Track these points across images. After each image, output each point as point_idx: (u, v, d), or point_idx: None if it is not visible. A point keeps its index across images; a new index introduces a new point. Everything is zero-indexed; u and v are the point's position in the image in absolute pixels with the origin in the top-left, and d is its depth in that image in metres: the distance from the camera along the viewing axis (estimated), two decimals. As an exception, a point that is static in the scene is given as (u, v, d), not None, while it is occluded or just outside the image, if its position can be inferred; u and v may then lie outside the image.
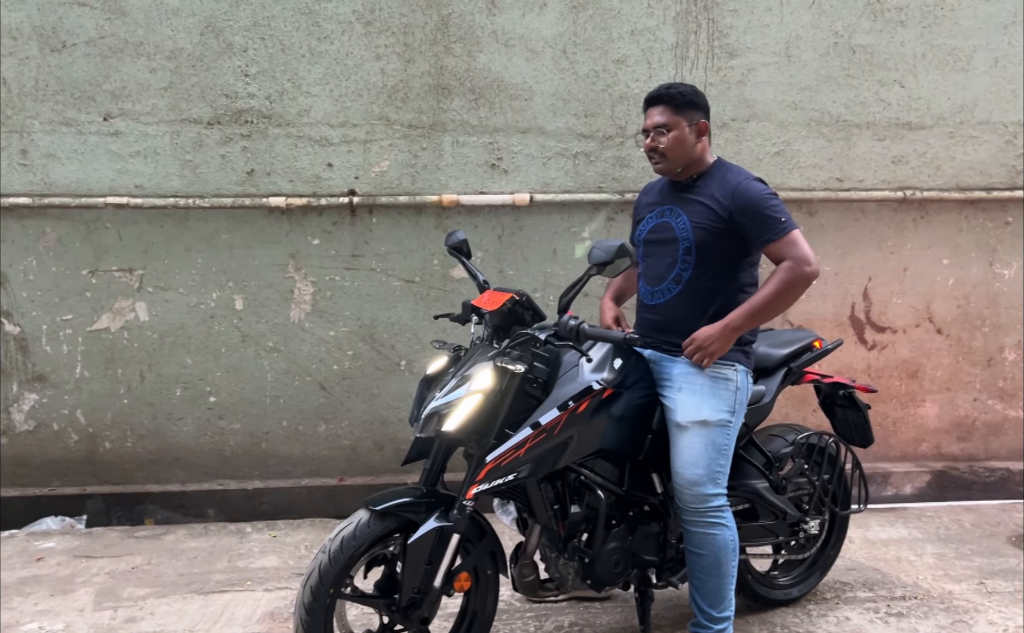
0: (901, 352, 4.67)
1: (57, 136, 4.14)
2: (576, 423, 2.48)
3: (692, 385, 2.65)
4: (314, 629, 2.30)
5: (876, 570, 3.52)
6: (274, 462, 4.47)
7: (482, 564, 2.54)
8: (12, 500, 4.25)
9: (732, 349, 2.69)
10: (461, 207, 4.30)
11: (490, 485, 2.37)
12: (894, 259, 4.59)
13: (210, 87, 4.16)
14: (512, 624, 3.01)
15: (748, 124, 4.40)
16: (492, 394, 2.38)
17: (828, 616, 3.10)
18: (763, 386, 2.95)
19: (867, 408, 3.24)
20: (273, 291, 4.34)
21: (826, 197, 4.46)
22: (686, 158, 2.72)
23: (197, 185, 4.22)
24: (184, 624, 3.02)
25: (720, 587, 2.62)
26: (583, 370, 2.53)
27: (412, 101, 4.24)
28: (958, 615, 3.12)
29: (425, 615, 2.43)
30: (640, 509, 2.77)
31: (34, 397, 4.31)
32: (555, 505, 2.61)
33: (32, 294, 4.23)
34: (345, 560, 2.31)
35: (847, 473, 3.28)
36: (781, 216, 2.58)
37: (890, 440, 4.75)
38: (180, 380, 4.37)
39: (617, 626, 3.01)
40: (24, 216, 4.17)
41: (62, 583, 3.37)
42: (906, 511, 4.29)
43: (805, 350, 3.11)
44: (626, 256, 2.35)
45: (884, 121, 4.46)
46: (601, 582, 2.67)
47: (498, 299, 2.53)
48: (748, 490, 2.92)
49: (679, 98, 2.69)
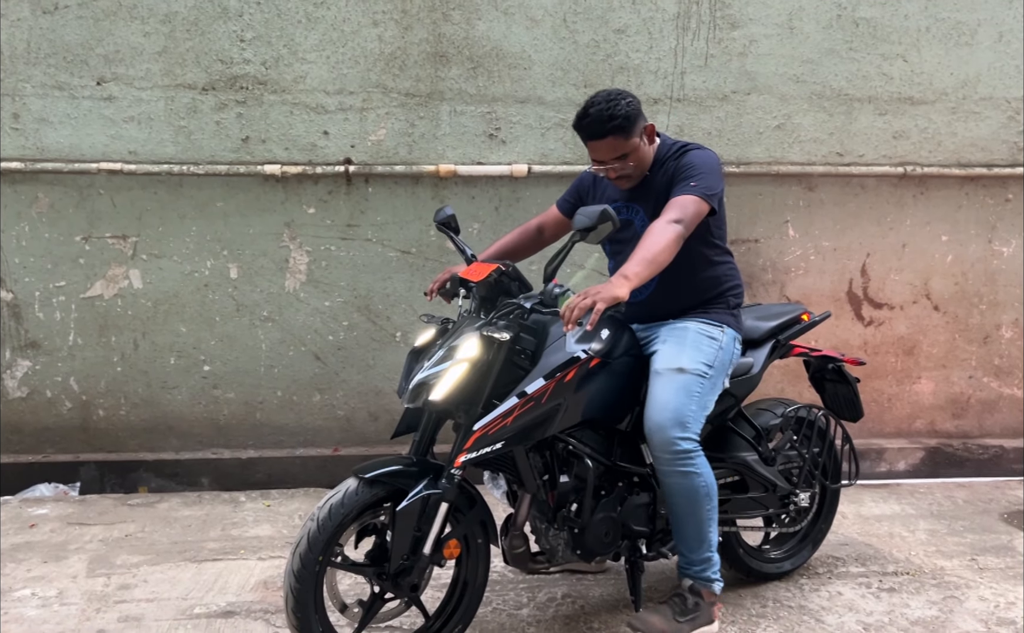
0: (898, 329, 4.67)
1: (49, 100, 4.08)
2: (563, 392, 2.47)
3: (676, 338, 2.68)
4: (304, 597, 2.29)
5: (868, 545, 3.53)
6: (268, 432, 4.46)
7: (472, 533, 2.54)
8: (5, 466, 4.23)
9: (720, 310, 2.72)
10: (458, 177, 4.26)
11: (477, 453, 2.37)
12: (893, 235, 4.57)
13: (205, 52, 4.10)
14: (505, 596, 3.01)
15: (749, 97, 4.36)
16: (478, 364, 2.37)
17: (820, 591, 3.11)
18: (751, 358, 2.95)
19: (856, 381, 3.25)
20: (268, 260, 4.30)
21: (826, 172, 4.43)
22: (647, 165, 2.73)
23: (191, 152, 4.17)
24: (177, 591, 3.02)
25: (698, 531, 2.63)
26: (570, 340, 2.52)
27: (409, 69, 4.19)
28: (949, 591, 3.13)
29: (415, 582, 2.43)
30: (629, 480, 2.77)
31: (27, 364, 4.28)
32: (544, 475, 2.61)
33: (25, 260, 4.20)
34: (333, 528, 2.31)
35: (837, 447, 3.28)
36: (693, 181, 2.56)
37: (884, 416, 4.75)
38: (174, 348, 4.34)
39: (610, 598, 3.01)
40: (17, 181, 4.13)
41: (55, 550, 3.37)
42: (899, 487, 4.30)
43: (793, 322, 3.11)
44: (608, 220, 2.34)
45: (886, 95, 4.42)
46: (590, 552, 2.67)
47: (484, 270, 2.51)
48: (737, 462, 2.93)
49: (625, 123, 2.59)
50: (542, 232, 3.11)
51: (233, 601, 2.93)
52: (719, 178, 2.65)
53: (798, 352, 3.18)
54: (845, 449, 3.29)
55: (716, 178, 2.63)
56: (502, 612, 2.89)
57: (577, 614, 2.90)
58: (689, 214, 2.50)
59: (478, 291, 2.53)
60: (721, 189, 2.66)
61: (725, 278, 2.79)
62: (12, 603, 2.92)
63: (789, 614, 2.93)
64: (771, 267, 4.54)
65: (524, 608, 2.92)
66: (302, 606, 2.29)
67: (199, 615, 2.85)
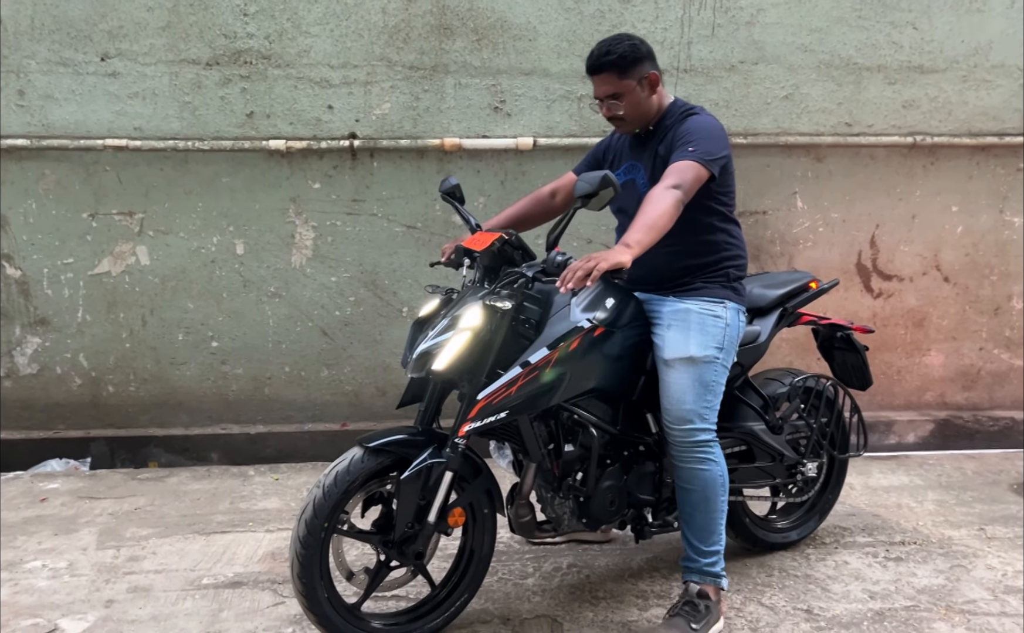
0: (907, 301, 4.63)
1: (54, 76, 4.08)
2: (567, 361, 2.46)
3: (680, 321, 2.64)
4: (309, 563, 2.31)
5: (876, 516, 3.52)
6: (277, 407, 4.47)
7: (478, 502, 2.55)
8: (16, 442, 4.27)
9: (721, 285, 2.69)
10: (463, 151, 4.24)
11: (482, 422, 2.37)
12: (902, 206, 4.53)
13: (208, 26, 4.09)
14: (511, 566, 3.02)
15: (756, 67, 4.31)
16: (481, 333, 2.37)
17: (826, 560, 3.11)
18: (758, 326, 2.93)
19: (865, 350, 3.22)
20: (274, 236, 4.31)
21: (835, 142, 4.39)
22: (645, 116, 2.70)
23: (196, 127, 4.17)
24: (186, 563, 3.04)
25: (709, 522, 2.62)
26: (574, 309, 2.51)
27: (413, 42, 4.17)
28: (956, 559, 3.12)
29: (419, 550, 2.44)
30: (635, 449, 2.76)
31: (37, 341, 4.31)
32: (549, 444, 2.61)
33: (32, 237, 4.21)
34: (339, 495, 2.32)
35: (846, 418, 3.26)
36: (691, 146, 2.52)
37: (894, 389, 4.73)
38: (182, 325, 4.36)
39: (615, 567, 3.02)
40: (23, 158, 4.14)
41: (66, 523, 3.40)
42: (908, 459, 4.29)
43: (800, 291, 3.09)
44: (610, 186, 2.32)
45: (896, 64, 4.36)
46: (596, 521, 2.67)
47: (486, 239, 2.51)
48: (744, 431, 2.92)
49: (620, 62, 2.59)
50: (555, 197, 3.06)
51: (241, 571, 2.95)
52: (721, 144, 2.61)
53: (806, 320, 3.16)
54: (853, 420, 3.27)
55: (717, 144, 2.59)
56: (508, 581, 2.91)
57: (583, 583, 2.91)
58: (688, 180, 2.47)
59: (481, 261, 2.52)
60: (724, 155, 2.61)
61: (725, 247, 2.73)
62: (23, 574, 2.95)
63: (795, 583, 2.93)
64: (779, 239, 4.51)
65: (530, 577, 2.94)
66: (307, 572, 2.31)
67: (207, 585, 2.87)
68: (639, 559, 3.08)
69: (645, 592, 2.86)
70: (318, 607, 2.34)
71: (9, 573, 2.95)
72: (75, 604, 2.74)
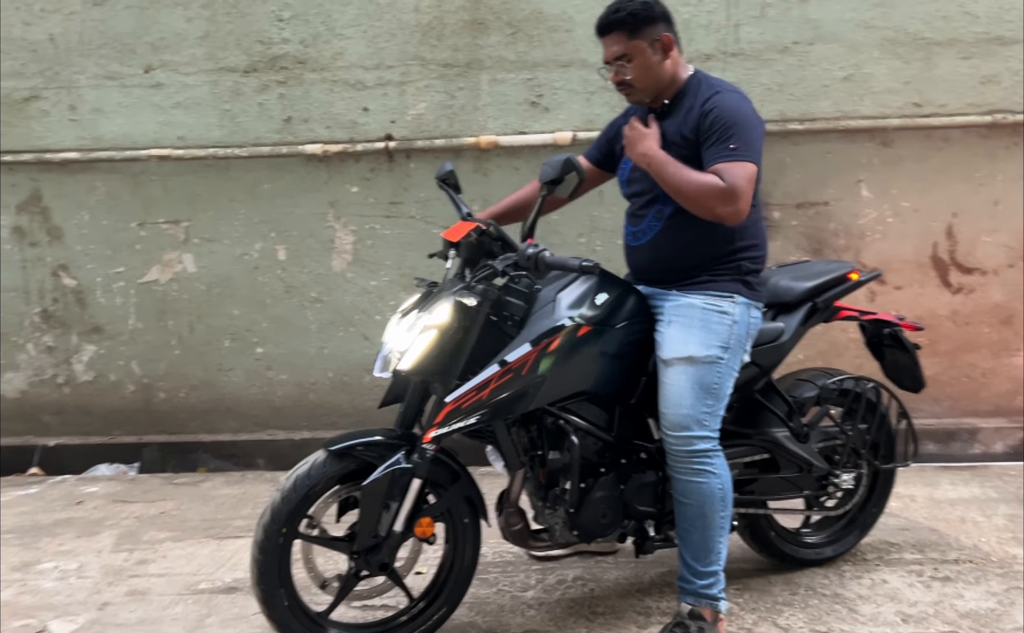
0: (992, 296, 4.20)
1: (103, 90, 4.20)
2: (547, 363, 2.29)
3: (682, 318, 2.40)
4: (267, 568, 2.22)
5: (934, 531, 3.15)
6: (322, 413, 4.45)
7: (458, 511, 2.39)
8: (76, 447, 4.40)
9: (731, 279, 2.42)
10: (500, 149, 4.12)
11: (450, 428, 2.23)
12: (983, 192, 4.11)
13: (245, 34, 4.12)
14: (515, 577, 2.85)
15: (812, 47, 4.01)
16: (450, 330, 2.24)
17: (863, 578, 2.79)
18: (781, 323, 2.65)
19: (916, 348, 2.88)
20: (314, 241, 4.29)
21: (903, 125, 4.03)
22: (656, 83, 2.44)
23: (237, 134, 4.20)
24: (191, 567, 3.02)
25: (706, 540, 2.37)
26: (560, 306, 2.34)
27: (447, 39, 4.08)
28: (1015, 581, 2.74)
29: (384, 561, 2.31)
30: (636, 457, 2.55)
31: (92, 348, 4.43)
32: (535, 451, 2.44)
33: (86, 247, 4.34)
34: (298, 500, 2.22)
35: (892, 424, 2.92)
36: (732, 143, 2.28)
37: (980, 393, 4.29)
38: (228, 331, 4.39)
39: (624, 581, 2.80)
40: (76, 171, 4.27)
41: (92, 525, 3.44)
42: (987, 469, 3.87)
43: (836, 282, 2.76)
44: (573, 171, 2.20)
45: (971, 37, 3.98)
46: (588, 533, 2.47)
47: (463, 229, 2.37)
48: (767, 439, 2.64)
49: (630, 20, 2.38)
50: None
51: (240, 577, 2.89)
52: (759, 130, 2.37)
53: (845, 315, 2.85)
54: (903, 426, 2.93)
55: (755, 131, 2.35)
56: (506, 593, 2.74)
57: (584, 598, 2.70)
58: (742, 185, 2.25)
59: (461, 252, 2.39)
60: (762, 139, 2.38)
61: (740, 236, 2.45)
62: (33, 575, 2.99)
63: (820, 602, 2.64)
64: (843, 232, 4.17)
65: (530, 590, 2.76)
66: (265, 578, 2.22)
67: (203, 590, 2.83)
68: (652, 573, 2.85)
69: (649, 608, 2.63)
70: (277, 614, 2.25)
71: (21, 574, 3.00)
72: (72, 606, 2.74)
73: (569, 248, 4.16)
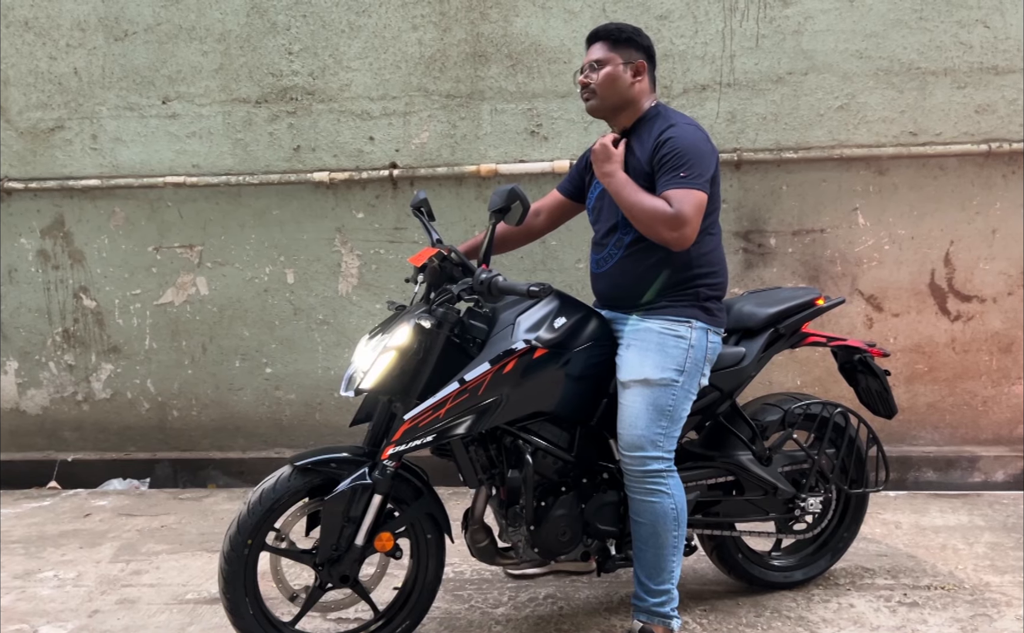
0: (991, 323, 4.20)
1: (122, 120, 4.40)
2: (504, 384, 2.37)
3: (640, 341, 2.47)
4: (233, 579, 2.32)
5: (912, 557, 3.16)
6: (328, 432, 4.57)
7: (421, 527, 2.48)
8: (92, 462, 4.57)
9: (689, 304, 2.49)
10: (500, 176, 4.23)
11: (407, 446, 2.32)
12: (980, 220, 4.13)
13: (257, 66, 4.29)
14: (488, 594, 2.91)
15: (806, 77, 4.08)
16: (409, 351, 2.34)
17: (830, 602, 2.81)
18: (743, 348, 2.71)
19: (886, 374, 2.91)
20: (322, 265, 4.43)
21: (898, 153, 4.07)
22: (618, 98, 2.54)
23: (248, 163, 4.37)
24: (182, 578, 3.13)
25: (658, 558, 2.42)
26: (519, 328, 2.43)
27: (449, 70, 4.22)
28: (983, 608, 2.74)
29: (345, 573, 2.40)
30: (598, 477, 2.61)
31: (110, 367, 4.60)
32: (495, 469, 2.52)
33: (105, 270, 4.52)
34: (263, 512, 2.32)
35: (861, 449, 2.94)
36: (683, 171, 2.36)
37: (980, 422, 4.28)
38: (239, 351, 4.54)
39: (595, 600, 2.85)
40: (97, 197, 4.47)
41: (95, 537, 3.58)
42: (979, 498, 3.85)
43: (800, 308, 2.80)
44: (517, 200, 2.34)
45: (965, 66, 4.02)
46: (548, 551, 2.53)
47: (425, 255, 2.47)
48: (730, 461, 2.69)
49: (617, 34, 2.54)
50: (539, 216, 2.95)
51: (225, 589, 3.00)
52: (709, 160, 2.45)
53: (812, 341, 2.90)
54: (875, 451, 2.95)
55: (705, 161, 2.43)
56: (476, 610, 2.81)
57: (552, 615, 2.76)
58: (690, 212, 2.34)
59: (425, 277, 2.50)
60: (713, 171, 2.47)
61: (699, 264, 2.52)
62: (33, 583, 3.13)
63: (783, 625, 2.66)
64: (840, 259, 4.21)
65: (501, 607, 2.82)
66: (231, 588, 2.32)
67: (188, 600, 2.94)
68: (623, 593, 2.89)
69: (613, 627, 2.67)
70: (243, 623, 2.35)
71: (22, 581, 3.14)
72: (63, 612, 2.87)
73: (566, 274, 4.26)
